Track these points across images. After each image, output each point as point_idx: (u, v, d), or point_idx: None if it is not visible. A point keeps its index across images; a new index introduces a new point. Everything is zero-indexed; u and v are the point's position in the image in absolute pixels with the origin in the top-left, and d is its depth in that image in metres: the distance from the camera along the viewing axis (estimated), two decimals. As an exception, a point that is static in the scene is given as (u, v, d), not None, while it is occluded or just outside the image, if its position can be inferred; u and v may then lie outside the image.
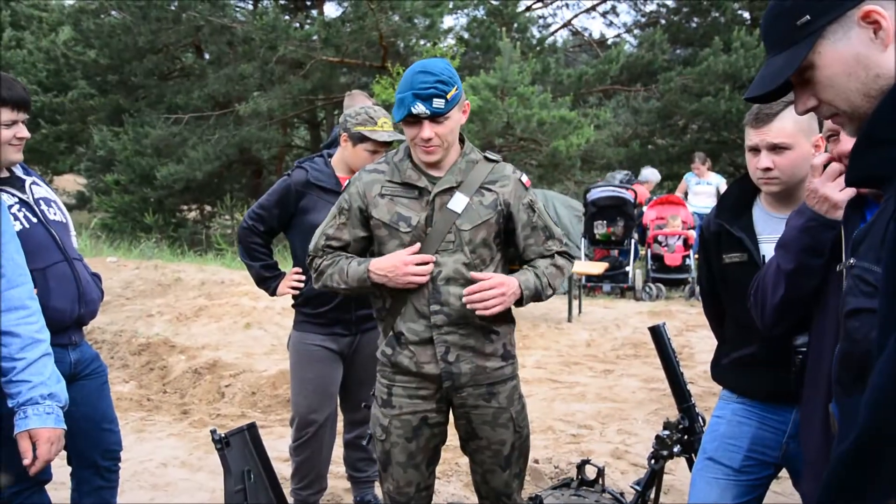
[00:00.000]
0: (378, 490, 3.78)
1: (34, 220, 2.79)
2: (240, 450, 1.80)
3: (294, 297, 3.49)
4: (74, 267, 2.91)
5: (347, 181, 2.54)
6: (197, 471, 4.25)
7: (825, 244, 1.93)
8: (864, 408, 1.14)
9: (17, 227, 2.63)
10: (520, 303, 2.39)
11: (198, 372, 5.88)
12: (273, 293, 3.53)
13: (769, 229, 2.26)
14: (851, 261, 1.34)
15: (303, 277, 3.42)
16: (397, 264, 2.33)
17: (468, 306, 2.30)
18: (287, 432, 4.42)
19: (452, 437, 4.27)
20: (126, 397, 5.41)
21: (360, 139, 3.34)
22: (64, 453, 3.01)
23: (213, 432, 1.77)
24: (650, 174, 10.83)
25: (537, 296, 2.43)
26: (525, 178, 2.56)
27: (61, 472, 3.23)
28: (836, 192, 1.92)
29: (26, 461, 2.22)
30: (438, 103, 2.27)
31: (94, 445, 2.99)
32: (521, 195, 2.49)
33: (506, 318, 2.49)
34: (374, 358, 3.53)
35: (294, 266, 3.50)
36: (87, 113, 17.47)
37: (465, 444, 2.55)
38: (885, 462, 1.11)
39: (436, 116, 2.29)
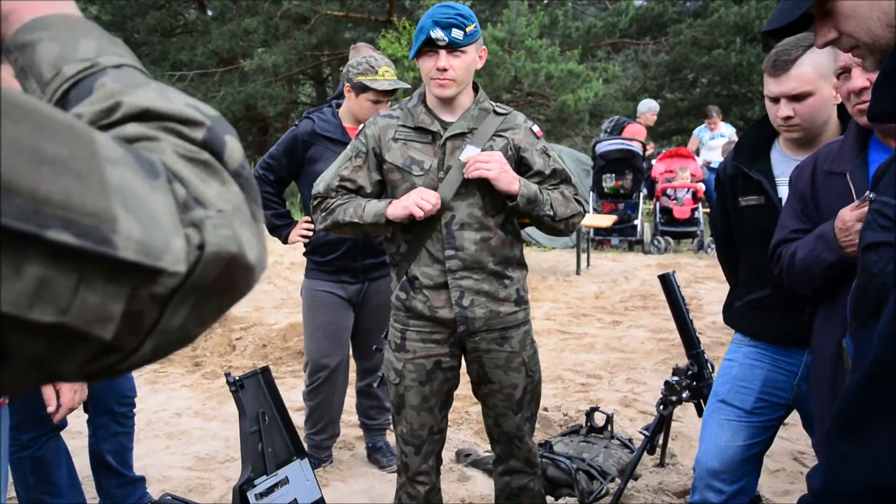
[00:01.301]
0: (390, 437, 3.83)
1: None
2: (254, 392, 1.82)
3: (305, 245, 3.54)
4: None
5: (361, 125, 2.53)
6: (210, 420, 4.30)
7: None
8: (878, 336, 1.13)
9: None
10: (514, 199, 2.35)
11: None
12: (285, 241, 3.58)
13: (787, 171, 2.24)
14: (871, 195, 1.33)
15: (312, 226, 3.45)
16: (411, 194, 2.33)
17: (466, 167, 2.31)
18: (298, 383, 4.47)
19: (463, 386, 4.32)
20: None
21: (361, 89, 3.33)
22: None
23: (227, 375, 1.78)
24: (647, 105, 10.57)
25: (535, 203, 2.37)
26: (536, 128, 2.55)
27: (78, 421, 3.28)
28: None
29: (50, 408, 2.25)
30: (457, 34, 2.29)
31: (109, 392, 3.02)
32: (534, 142, 2.48)
33: (518, 262, 2.50)
34: (382, 306, 3.56)
35: (305, 215, 3.54)
36: (91, 71, 17.35)
37: (477, 388, 2.57)
38: (894, 393, 1.11)
39: (453, 47, 2.30)
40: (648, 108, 10.32)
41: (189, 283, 0.55)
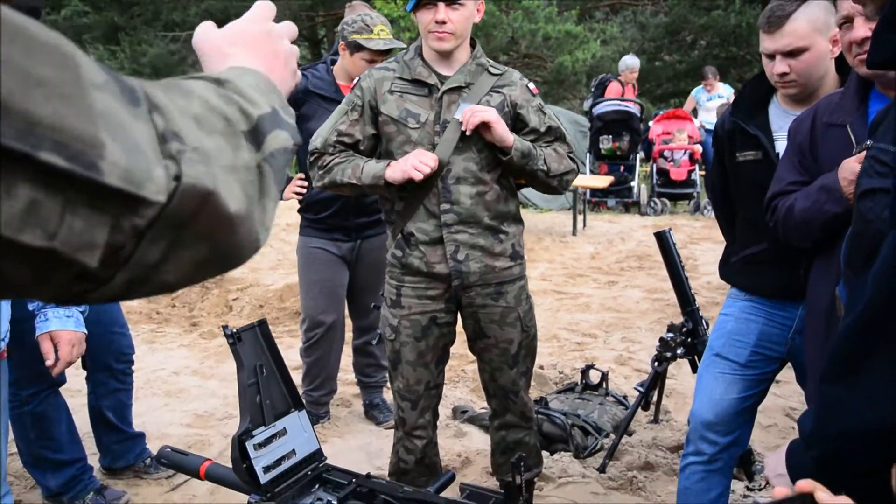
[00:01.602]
0: (387, 394, 3.86)
1: None
2: (251, 345, 1.83)
3: (299, 202, 3.54)
4: None
5: (357, 79, 2.51)
6: (209, 378, 4.33)
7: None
8: (872, 278, 1.13)
9: None
10: (508, 154, 2.34)
11: (205, 286, 5.92)
12: (280, 197, 3.56)
13: (786, 126, 2.23)
14: (868, 142, 1.32)
15: (306, 183, 3.45)
16: (409, 157, 2.32)
17: (464, 119, 2.30)
18: (295, 343, 4.48)
19: (460, 345, 4.34)
20: (135, 311, 5.46)
21: (356, 48, 3.30)
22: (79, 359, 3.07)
23: (224, 328, 1.79)
24: (625, 63, 10.44)
25: (529, 157, 2.37)
26: (532, 86, 2.54)
27: (76, 379, 3.30)
28: None
29: (49, 362, 2.26)
30: None
31: (106, 349, 3.04)
32: (530, 99, 2.48)
33: (514, 217, 2.50)
34: (376, 264, 3.56)
35: (299, 172, 3.53)
36: (82, 31, 17.12)
37: (472, 343, 2.58)
38: (889, 333, 1.12)
39: (452, 0, 2.28)
40: (626, 65, 10.21)
41: (166, 215, 0.55)
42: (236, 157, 0.63)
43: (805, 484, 0.83)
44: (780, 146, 2.22)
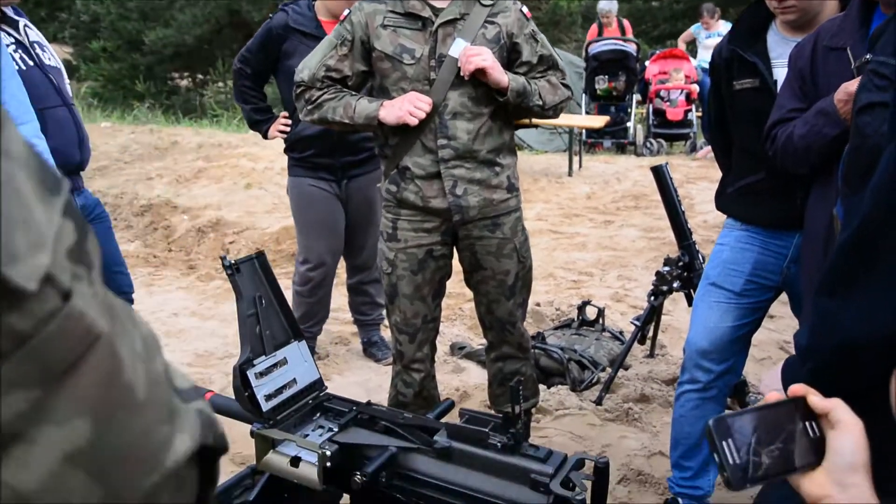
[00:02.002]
0: (384, 332, 3.89)
1: (30, 62, 2.74)
2: (250, 276, 1.83)
3: (284, 140, 3.51)
4: (73, 112, 2.88)
5: (347, 11, 2.47)
6: (208, 319, 4.35)
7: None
8: (870, 193, 1.13)
9: (14, 68, 2.58)
10: (504, 94, 2.34)
11: (201, 231, 5.92)
12: (265, 136, 3.55)
13: (784, 53, 2.20)
14: (867, 56, 1.31)
15: (289, 122, 3.42)
16: (404, 101, 2.30)
17: (461, 63, 2.29)
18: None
19: (457, 284, 4.34)
20: (132, 255, 5.46)
21: None
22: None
23: (223, 259, 1.79)
24: (603, 6, 10.29)
25: (524, 94, 2.37)
26: (526, 10, 2.50)
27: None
28: None
29: None
30: None
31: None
32: (524, 25, 2.45)
33: (509, 149, 2.49)
34: (364, 203, 3.54)
35: (284, 110, 3.49)
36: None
37: (469, 276, 2.59)
38: (886, 246, 1.13)
39: None
40: (602, 9, 10.11)
41: (38, 342, 0.43)
42: (151, 359, 0.51)
43: (798, 388, 0.84)
44: (778, 73, 2.20)
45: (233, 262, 1.84)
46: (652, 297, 3.46)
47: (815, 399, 0.82)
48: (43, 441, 0.44)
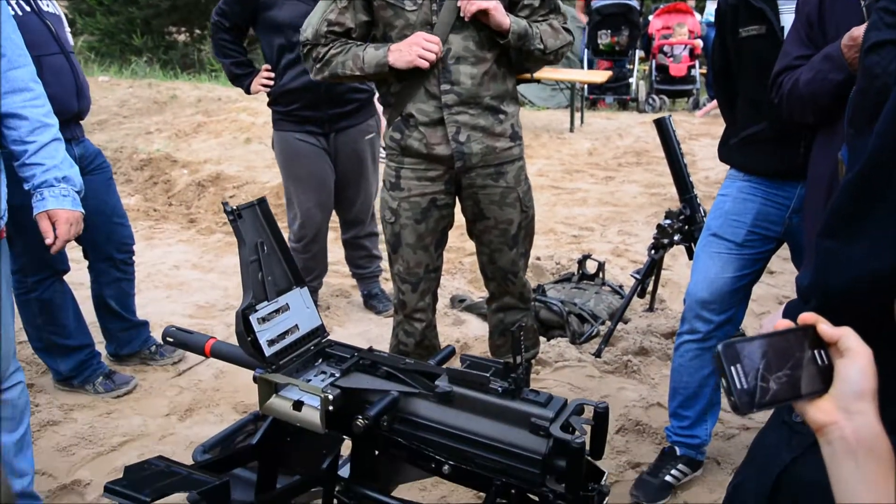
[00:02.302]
0: (385, 284, 3.91)
1: (27, 8, 2.71)
2: (252, 223, 1.82)
3: (267, 94, 3.45)
4: (71, 60, 2.86)
5: None
6: (209, 272, 4.36)
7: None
8: (876, 132, 1.12)
9: (10, 13, 2.55)
10: (505, 37, 2.31)
11: (201, 185, 5.91)
12: (248, 91, 3.49)
13: (791, 0, 2.17)
14: None
15: (272, 75, 3.36)
16: (412, 40, 2.27)
17: (462, 6, 2.26)
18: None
19: (457, 238, 4.33)
20: (133, 209, 5.46)
21: None
22: (79, 249, 3.09)
23: (224, 204, 1.78)
24: None
25: (525, 37, 2.35)
26: None
27: (79, 273, 3.32)
28: None
29: (48, 240, 2.26)
30: None
31: (107, 239, 3.05)
32: None
33: (513, 97, 2.47)
34: (354, 155, 3.49)
35: (266, 63, 3.43)
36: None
37: (472, 225, 2.58)
38: (892, 185, 1.12)
39: None
40: None
41: None
42: None
43: (808, 316, 0.83)
44: (785, 20, 2.17)
45: (234, 208, 1.83)
46: (652, 251, 3.46)
47: (825, 327, 0.82)
48: None
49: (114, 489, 1.41)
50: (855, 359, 0.79)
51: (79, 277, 3.36)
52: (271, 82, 3.39)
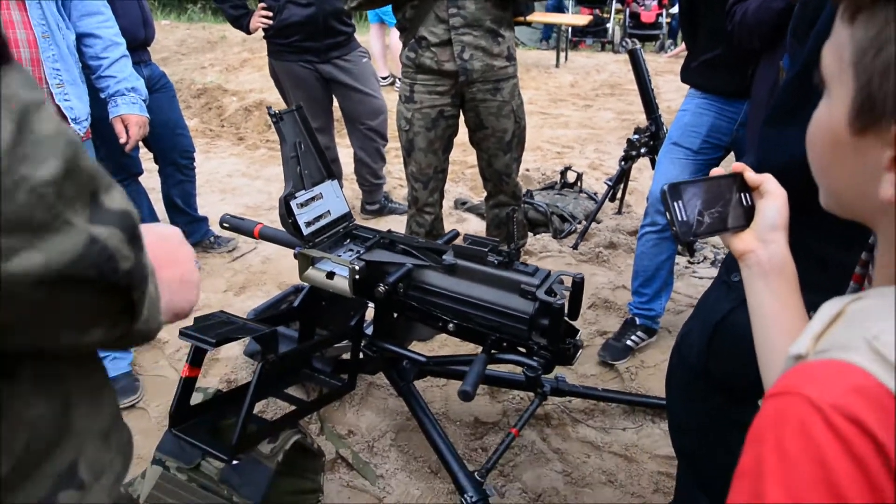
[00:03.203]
0: (392, 192, 3.87)
1: None
2: (291, 125, 1.80)
3: (265, 30, 3.26)
4: None
5: None
6: (255, 179, 4.34)
7: None
8: (812, 36, 1.09)
9: None
10: None
11: (248, 109, 5.80)
12: (247, 30, 3.29)
13: None
14: None
15: (269, 13, 3.19)
16: None
17: None
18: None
19: (461, 153, 4.27)
20: (192, 129, 5.36)
21: None
22: (150, 156, 3.07)
23: (268, 108, 1.75)
24: None
25: None
26: None
27: (151, 179, 3.31)
28: None
29: (122, 139, 2.25)
30: None
31: (172, 147, 3.03)
32: None
33: (509, 23, 2.39)
34: (352, 86, 3.31)
35: (261, 3, 3.25)
36: None
37: (473, 134, 2.54)
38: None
39: None
40: None
41: None
42: (35, 167, 0.42)
43: (738, 166, 0.83)
44: None
45: (277, 111, 1.81)
46: (622, 161, 3.42)
47: (750, 174, 0.82)
48: None
49: (186, 333, 1.44)
50: (772, 199, 0.79)
51: (150, 183, 3.35)
52: (269, 21, 3.20)
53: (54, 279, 0.43)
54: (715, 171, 0.83)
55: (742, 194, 0.81)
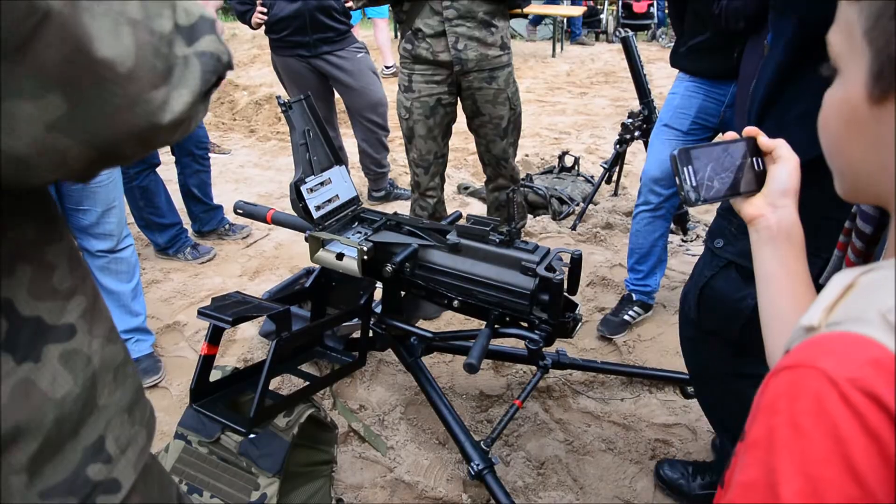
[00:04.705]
0: (396, 179, 3.85)
1: None
2: (300, 113, 1.79)
3: (265, 24, 3.23)
4: None
5: None
6: (266, 169, 4.33)
7: None
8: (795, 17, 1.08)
9: None
10: None
11: (258, 103, 5.78)
12: (251, 25, 3.26)
13: None
14: None
15: (265, 9, 3.16)
16: None
17: None
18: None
19: (462, 141, 4.26)
20: (205, 122, 5.36)
21: None
22: (167, 148, 3.06)
23: (278, 98, 1.75)
24: None
25: None
26: None
27: (168, 171, 3.31)
28: None
29: None
30: None
31: (189, 139, 3.03)
32: None
33: (502, 14, 2.36)
34: (345, 81, 3.27)
35: None
36: None
37: (471, 121, 2.53)
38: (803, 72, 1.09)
39: None
40: None
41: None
42: (150, 20, 0.44)
43: (751, 130, 0.78)
44: None
45: (287, 100, 1.80)
46: (617, 145, 3.40)
47: (763, 139, 0.78)
48: (21, 114, 0.40)
49: (204, 312, 1.45)
50: (785, 164, 0.76)
51: (168, 175, 3.35)
52: (265, 16, 3.17)
53: (198, 101, 0.50)
54: (727, 136, 0.79)
55: (754, 159, 0.77)
